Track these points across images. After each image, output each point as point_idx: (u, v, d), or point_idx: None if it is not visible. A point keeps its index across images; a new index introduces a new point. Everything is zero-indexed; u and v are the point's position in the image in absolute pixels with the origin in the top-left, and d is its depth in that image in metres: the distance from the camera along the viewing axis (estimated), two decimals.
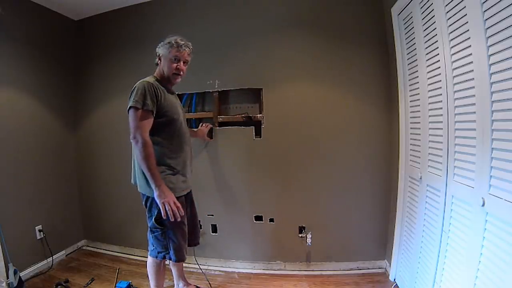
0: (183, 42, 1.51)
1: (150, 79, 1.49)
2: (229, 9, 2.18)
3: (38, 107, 2.28)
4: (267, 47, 2.13)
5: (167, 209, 1.37)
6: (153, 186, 1.37)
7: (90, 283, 2.04)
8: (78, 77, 2.59)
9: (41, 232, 2.24)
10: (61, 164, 2.49)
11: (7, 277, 1.84)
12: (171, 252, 1.52)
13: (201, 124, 2.16)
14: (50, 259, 2.27)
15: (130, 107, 1.37)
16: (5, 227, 1.92)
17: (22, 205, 2.13)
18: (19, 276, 1.91)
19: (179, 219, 1.42)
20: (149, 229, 1.54)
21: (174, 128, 1.50)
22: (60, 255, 2.42)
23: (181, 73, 1.55)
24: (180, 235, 1.52)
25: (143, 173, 1.43)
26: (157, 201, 1.39)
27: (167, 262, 1.69)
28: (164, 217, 1.40)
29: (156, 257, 1.57)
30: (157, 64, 1.58)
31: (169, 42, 1.51)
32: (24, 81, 2.16)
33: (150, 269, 1.63)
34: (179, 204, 1.41)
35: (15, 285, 1.84)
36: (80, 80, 2.59)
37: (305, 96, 2.11)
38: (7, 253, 1.89)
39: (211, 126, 2.15)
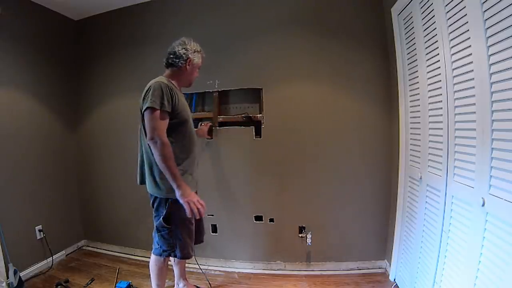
0: (204, 54, 1.63)
1: (163, 79, 1.47)
2: (229, 9, 2.18)
3: (38, 107, 2.28)
4: (267, 47, 2.13)
5: (192, 207, 1.38)
6: (174, 186, 1.37)
7: (90, 283, 2.04)
8: (79, 77, 2.59)
9: (41, 232, 2.24)
10: (61, 164, 2.49)
11: (7, 277, 1.84)
12: (177, 250, 1.53)
13: (200, 123, 2.16)
14: (50, 259, 2.27)
15: (147, 108, 1.35)
16: (5, 227, 1.92)
17: (22, 205, 2.13)
18: (19, 276, 1.91)
19: (204, 216, 1.44)
20: (155, 228, 1.55)
21: (185, 129, 1.52)
22: (60, 255, 2.42)
23: None
24: (186, 233, 1.53)
25: (152, 173, 1.46)
26: (181, 200, 1.38)
27: (169, 261, 1.69)
28: (190, 216, 1.41)
29: (160, 255, 1.58)
30: (171, 65, 1.54)
31: (200, 51, 1.58)
32: (24, 81, 2.16)
33: (152, 268, 1.64)
34: (202, 202, 1.43)
35: (15, 285, 1.84)
36: (80, 80, 2.59)
37: (305, 96, 2.11)
38: (7, 253, 1.89)
39: (210, 124, 2.15)
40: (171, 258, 1.68)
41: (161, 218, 1.48)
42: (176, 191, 1.37)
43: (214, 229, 2.29)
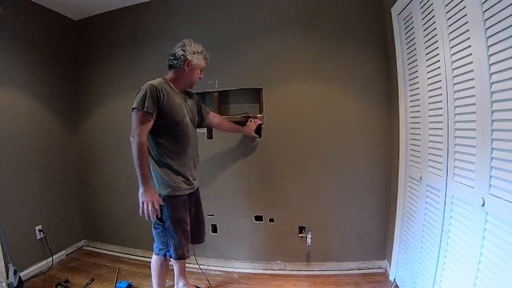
0: (208, 55, 1.63)
1: (156, 81, 1.50)
2: (229, 9, 2.18)
3: (38, 107, 2.28)
4: (267, 47, 2.13)
5: (144, 207, 1.44)
6: (140, 183, 1.43)
7: (90, 283, 2.04)
8: (79, 77, 2.59)
9: (41, 232, 2.24)
10: (61, 164, 2.49)
11: (7, 277, 1.84)
12: (171, 249, 1.55)
13: (250, 119, 2.08)
14: (50, 259, 2.27)
15: (133, 108, 1.43)
16: (5, 227, 1.92)
17: (22, 205, 2.13)
18: (19, 276, 1.91)
19: (150, 219, 1.48)
20: (152, 225, 1.59)
21: (178, 130, 1.53)
22: (60, 255, 2.42)
23: None
24: (180, 233, 1.54)
25: (151, 170, 1.50)
26: (140, 198, 1.45)
27: (170, 262, 1.70)
28: (141, 215, 1.46)
29: (158, 254, 1.61)
30: (171, 66, 1.57)
31: (201, 52, 1.58)
32: (24, 81, 2.16)
33: (153, 267, 1.67)
34: (157, 207, 1.46)
35: (15, 285, 1.84)
36: (80, 80, 2.59)
37: (305, 96, 2.11)
38: (7, 253, 1.89)
39: (259, 122, 2.08)
40: None
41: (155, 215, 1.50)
42: (140, 188, 1.43)
43: (214, 229, 2.29)
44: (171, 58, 1.56)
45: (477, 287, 1.08)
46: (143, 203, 1.44)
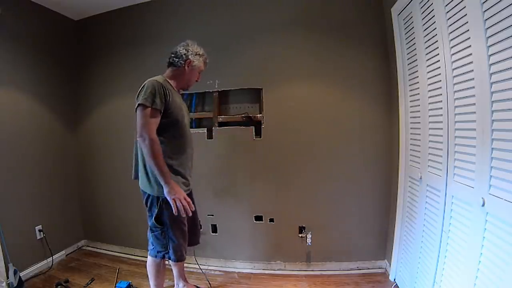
0: (208, 60, 1.64)
1: (159, 78, 1.48)
2: (229, 9, 2.18)
3: (38, 107, 2.28)
4: (267, 47, 2.13)
5: (178, 205, 1.38)
6: (162, 183, 1.38)
7: (90, 283, 2.04)
8: (79, 77, 2.59)
9: (41, 232, 2.24)
10: (61, 164, 2.49)
11: (7, 277, 1.84)
12: (171, 251, 1.53)
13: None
14: (50, 259, 2.27)
15: (139, 105, 1.37)
16: (5, 227, 1.92)
17: (22, 205, 2.13)
18: (19, 276, 1.91)
19: (190, 214, 1.43)
20: (149, 228, 1.55)
21: (177, 129, 1.51)
22: (60, 255, 2.42)
23: None
24: (179, 234, 1.53)
25: (146, 171, 1.46)
26: (168, 197, 1.39)
27: (167, 262, 1.69)
28: (175, 213, 1.40)
29: (156, 257, 1.58)
30: (171, 64, 1.56)
31: (202, 55, 1.59)
32: (24, 81, 2.16)
33: (149, 269, 1.64)
34: (189, 200, 1.42)
35: (15, 285, 1.84)
36: (80, 80, 2.59)
37: (305, 96, 2.11)
38: (7, 253, 1.89)
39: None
40: None
41: (153, 217, 1.48)
42: (164, 187, 1.38)
43: (214, 229, 2.29)
44: (172, 55, 1.55)
45: (477, 287, 1.08)
46: (174, 201, 1.38)
